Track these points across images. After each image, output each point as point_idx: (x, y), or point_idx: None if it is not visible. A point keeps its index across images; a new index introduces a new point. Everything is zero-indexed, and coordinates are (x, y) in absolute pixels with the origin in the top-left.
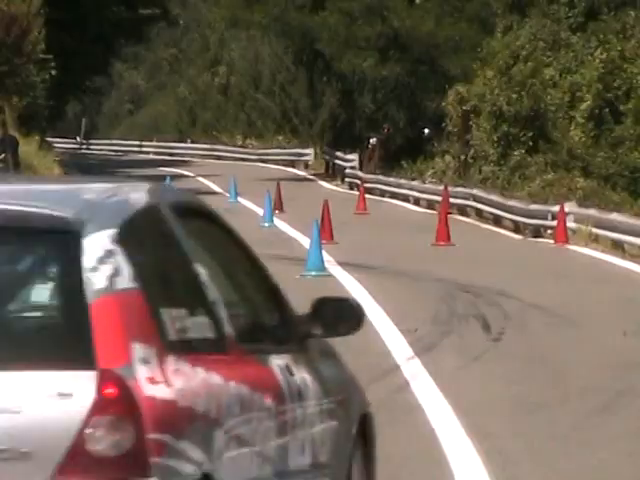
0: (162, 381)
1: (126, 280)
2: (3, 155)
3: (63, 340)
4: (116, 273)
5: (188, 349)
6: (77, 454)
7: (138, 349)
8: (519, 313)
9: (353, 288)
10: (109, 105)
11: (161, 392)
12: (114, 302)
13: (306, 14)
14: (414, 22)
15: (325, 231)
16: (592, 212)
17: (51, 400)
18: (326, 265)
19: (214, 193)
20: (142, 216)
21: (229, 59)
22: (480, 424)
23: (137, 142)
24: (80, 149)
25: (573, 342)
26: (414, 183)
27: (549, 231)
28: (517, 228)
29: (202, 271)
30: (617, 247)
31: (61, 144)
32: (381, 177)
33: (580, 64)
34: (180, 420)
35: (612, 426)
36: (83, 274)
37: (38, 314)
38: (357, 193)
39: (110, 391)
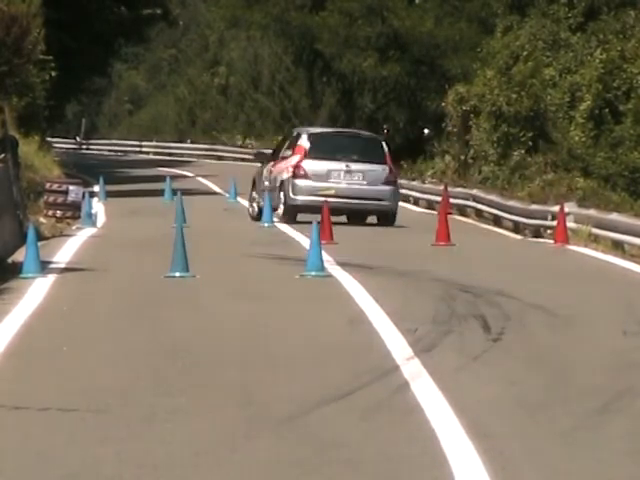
0: None
1: None
2: (3, 155)
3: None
4: None
5: None
6: None
7: None
8: (519, 313)
9: (353, 288)
10: (109, 105)
11: None
12: None
13: (306, 14)
14: (414, 22)
15: (325, 231)
16: (592, 212)
17: None
18: (326, 265)
19: (214, 193)
20: None
21: (229, 59)
22: (480, 424)
23: (137, 142)
24: (80, 149)
25: (573, 342)
26: (414, 183)
27: (549, 231)
28: (517, 228)
29: None
30: (617, 247)
31: (61, 144)
32: None
33: (580, 64)
34: None
35: (612, 426)
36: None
37: None
38: None
39: None
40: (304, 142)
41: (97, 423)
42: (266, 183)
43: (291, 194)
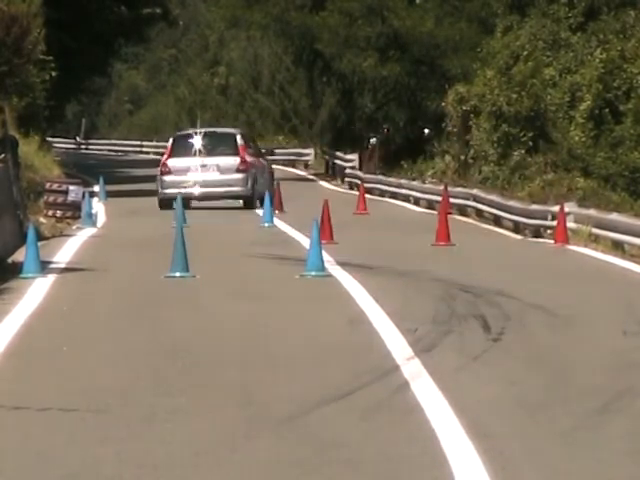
0: None
1: None
2: (3, 155)
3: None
4: None
5: None
6: None
7: None
8: (519, 313)
9: (353, 288)
10: (109, 105)
11: None
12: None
13: (306, 14)
14: (414, 22)
15: (325, 231)
16: (592, 212)
17: None
18: (326, 265)
19: None
20: None
21: (228, 59)
22: (480, 424)
23: (138, 142)
24: (79, 149)
25: (573, 342)
26: (414, 183)
27: (549, 231)
28: (517, 228)
29: None
30: (617, 247)
31: (61, 144)
32: (381, 177)
33: (580, 64)
34: None
35: (612, 426)
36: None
37: None
38: (357, 193)
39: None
40: (169, 143)
41: (97, 423)
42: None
43: (160, 188)
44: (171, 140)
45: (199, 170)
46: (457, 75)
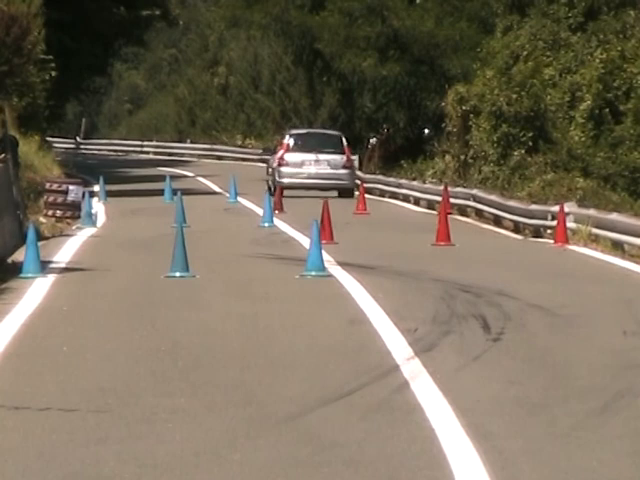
0: None
1: None
2: (3, 155)
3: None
4: None
5: None
6: None
7: None
8: (519, 313)
9: (353, 288)
10: (109, 105)
11: None
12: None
13: (306, 14)
14: (414, 22)
15: (325, 231)
16: (592, 212)
17: None
18: (326, 265)
19: (214, 193)
20: None
21: (228, 59)
22: (480, 424)
23: (138, 142)
24: (79, 149)
25: (573, 342)
26: (414, 183)
27: (549, 231)
28: (517, 228)
29: None
30: (617, 247)
31: (61, 144)
32: (381, 177)
33: (580, 64)
34: None
35: (612, 426)
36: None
37: None
38: (357, 193)
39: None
40: (286, 140)
41: (97, 423)
42: (270, 170)
43: (277, 177)
44: (287, 137)
45: (313, 164)
46: (457, 75)
